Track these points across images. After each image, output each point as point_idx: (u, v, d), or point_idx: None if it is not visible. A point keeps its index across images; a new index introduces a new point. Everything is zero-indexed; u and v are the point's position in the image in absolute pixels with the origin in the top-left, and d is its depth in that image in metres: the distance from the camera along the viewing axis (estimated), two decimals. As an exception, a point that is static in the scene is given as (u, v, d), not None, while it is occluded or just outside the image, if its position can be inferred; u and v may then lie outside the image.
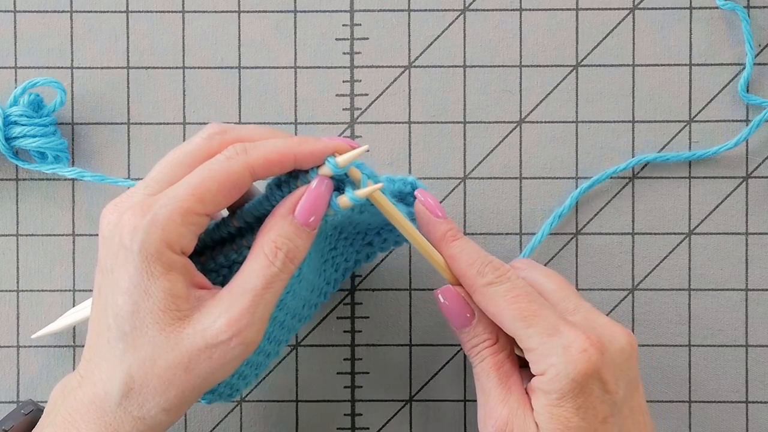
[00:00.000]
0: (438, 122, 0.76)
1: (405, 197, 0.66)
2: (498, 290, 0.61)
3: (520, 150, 0.76)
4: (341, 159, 0.59)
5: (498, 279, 0.61)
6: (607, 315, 0.75)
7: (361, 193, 0.60)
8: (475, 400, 0.76)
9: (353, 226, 0.67)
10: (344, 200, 0.60)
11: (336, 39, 0.76)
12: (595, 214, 0.76)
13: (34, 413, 0.67)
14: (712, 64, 0.75)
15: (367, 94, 0.76)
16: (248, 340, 0.57)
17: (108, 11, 0.76)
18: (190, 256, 0.59)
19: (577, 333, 0.60)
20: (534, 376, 0.61)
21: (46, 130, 0.73)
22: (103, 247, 0.58)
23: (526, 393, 0.61)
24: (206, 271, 0.62)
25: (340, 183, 0.60)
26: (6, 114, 0.73)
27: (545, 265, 0.76)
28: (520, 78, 0.76)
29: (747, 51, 0.75)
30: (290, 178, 0.60)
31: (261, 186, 0.63)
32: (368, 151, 0.61)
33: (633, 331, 0.76)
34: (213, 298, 0.58)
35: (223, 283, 0.61)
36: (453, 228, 0.63)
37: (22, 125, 0.73)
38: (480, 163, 0.76)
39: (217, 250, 0.62)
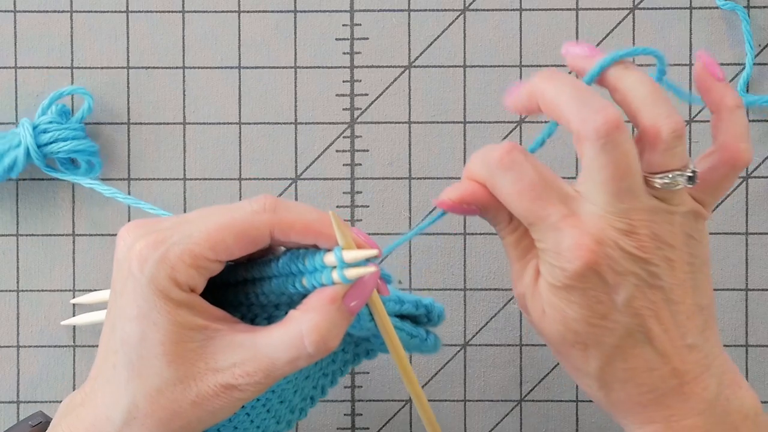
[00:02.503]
0: (438, 122, 0.76)
1: (417, 318, 0.64)
2: (503, 182, 0.58)
3: (520, 150, 0.76)
4: (348, 255, 0.56)
5: (504, 164, 0.58)
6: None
7: (352, 273, 0.56)
8: (477, 400, 0.76)
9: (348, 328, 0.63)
10: (335, 276, 0.57)
11: (336, 39, 0.76)
12: (595, 214, 0.76)
13: (42, 425, 0.66)
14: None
15: (367, 94, 0.76)
16: (260, 389, 0.57)
17: (108, 11, 0.76)
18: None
19: (574, 233, 0.56)
20: None
21: (75, 134, 0.73)
22: (116, 268, 0.57)
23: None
24: (227, 302, 0.60)
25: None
26: (36, 124, 0.73)
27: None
28: (520, 78, 0.76)
29: (747, 51, 0.75)
30: (305, 254, 0.58)
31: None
32: (377, 256, 0.59)
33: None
34: (231, 336, 0.57)
35: (242, 316, 0.60)
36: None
37: (52, 131, 0.73)
38: (480, 163, 0.76)
39: (237, 287, 0.61)
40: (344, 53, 0.76)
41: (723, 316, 0.76)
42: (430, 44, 0.76)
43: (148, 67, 0.76)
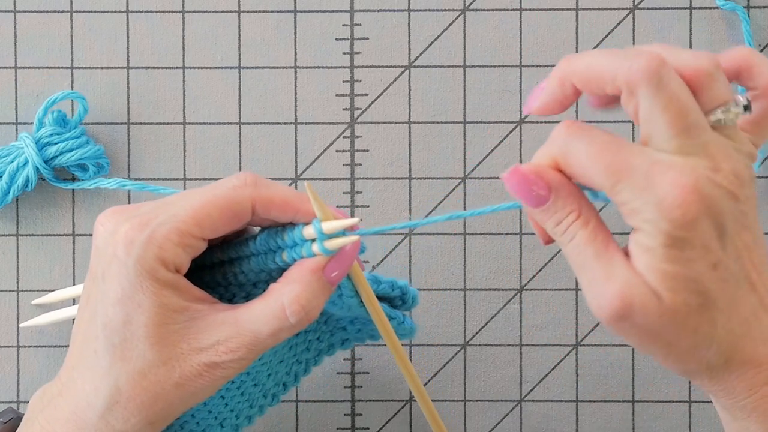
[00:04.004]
0: (438, 122, 0.76)
1: (392, 300, 0.64)
2: (578, 146, 0.54)
3: (520, 150, 0.76)
4: (327, 226, 0.57)
5: (574, 133, 0.54)
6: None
7: (332, 244, 0.57)
8: (477, 400, 0.76)
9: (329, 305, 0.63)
10: (315, 248, 0.57)
11: (336, 39, 0.76)
12: (595, 214, 0.76)
13: (13, 421, 0.66)
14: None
15: (367, 94, 0.76)
16: (242, 365, 0.57)
17: (108, 11, 0.76)
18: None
19: (670, 177, 0.52)
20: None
21: (79, 141, 0.73)
22: (95, 254, 0.58)
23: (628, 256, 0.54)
24: (204, 283, 0.61)
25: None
26: (37, 138, 0.73)
27: (545, 266, 0.76)
28: (520, 78, 0.76)
29: None
30: (282, 230, 0.58)
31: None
32: (360, 220, 0.59)
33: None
34: (213, 315, 0.57)
35: (221, 296, 0.60)
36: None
37: (56, 144, 0.73)
38: (480, 163, 0.76)
39: (214, 269, 0.61)
40: (344, 53, 0.76)
41: (723, 316, 0.76)
42: (430, 44, 0.76)
43: (148, 67, 0.76)
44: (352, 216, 0.60)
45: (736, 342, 0.54)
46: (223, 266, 0.61)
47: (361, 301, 0.60)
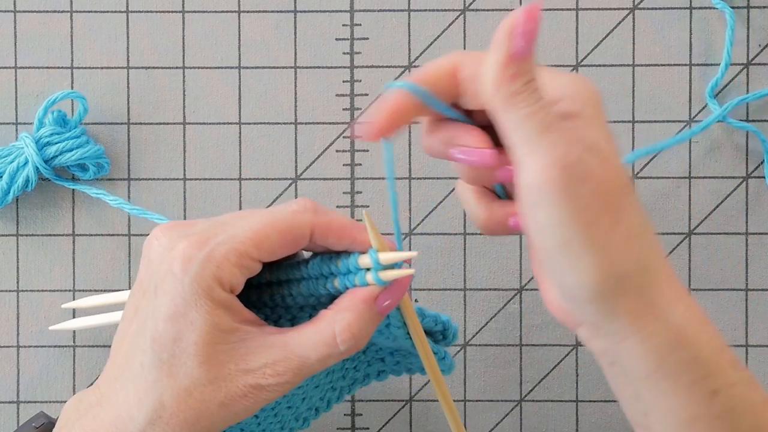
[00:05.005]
0: (438, 122, 0.76)
1: (433, 335, 0.64)
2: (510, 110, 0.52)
3: (520, 150, 0.76)
4: (385, 257, 0.57)
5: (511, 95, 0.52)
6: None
7: (388, 275, 0.57)
8: (477, 400, 0.76)
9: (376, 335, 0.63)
10: (369, 278, 0.58)
11: (336, 39, 0.76)
12: (595, 214, 0.76)
13: (45, 426, 0.66)
14: (712, 64, 0.76)
15: (367, 94, 0.76)
16: (286, 389, 0.57)
17: (108, 11, 0.76)
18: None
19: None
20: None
21: (79, 141, 0.73)
22: (147, 267, 0.57)
23: None
24: (250, 303, 0.60)
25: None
26: (37, 138, 0.73)
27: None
28: (520, 78, 0.76)
29: (724, 56, 0.75)
30: (337, 257, 0.59)
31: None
32: (417, 253, 0.59)
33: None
34: (262, 338, 0.57)
35: (266, 317, 0.60)
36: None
37: (56, 143, 0.73)
38: (480, 163, 0.76)
39: (261, 289, 0.61)
40: (344, 53, 0.76)
41: (723, 316, 0.76)
42: (430, 44, 0.76)
43: (148, 67, 0.76)
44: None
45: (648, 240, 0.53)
46: (272, 287, 0.61)
47: (408, 333, 0.60)
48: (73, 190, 0.75)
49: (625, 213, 0.52)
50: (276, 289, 0.60)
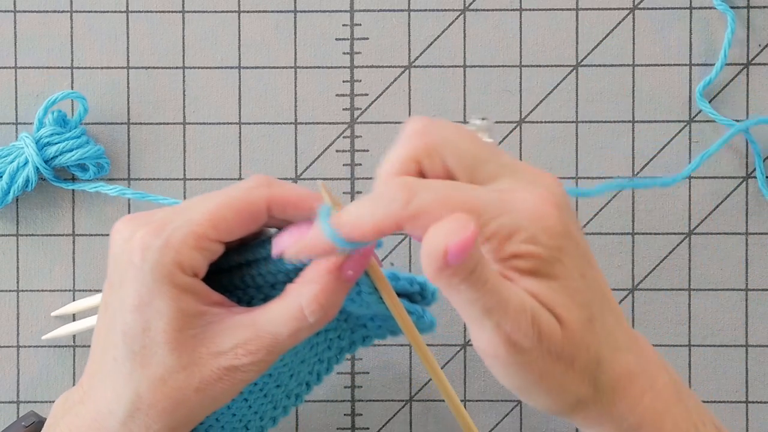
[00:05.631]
0: (438, 122, 0.76)
1: (411, 296, 0.63)
2: (425, 197, 0.51)
3: (520, 150, 0.76)
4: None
5: (408, 205, 0.51)
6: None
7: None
8: (476, 400, 0.76)
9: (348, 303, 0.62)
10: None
11: (336, 39, 0.76)
12: (595, 214, 0.76)
13: (35, 425, 0.66)
14: (712, 64, 0.75)
15: (367, 94, 0.76)
16: (262, 368, 0.57)
17: (108, 11, 0.76)
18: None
19: (532, 198, 0.52)
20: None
21: (79, 141, 0.73)
22: (112, 262, 0.57)
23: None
24: (222, 287, 0.60)
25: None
26: (37, 138, 0.73)
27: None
28: (520, 78, 0.76)
29: (720, 56, 0.75)
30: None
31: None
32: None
33: (633, 331, 0.76)
34: (231, 319, 0.57)
35: (239, 300, 0.60)
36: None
37: (56, 144, 0.73)
38: (480, 163, 0.76)
39: (232, 272, 0.61)
40: (344, 53, 0.76)
41: (723, 316, 0.76)
42: (430, 44, 0.76)
43: (148, 67, 0.76)
44: None
45: (612, 356, 0.54)
46: (241, 269, 0.60)
47: (381, 298, 0.60)
48: (73, 190, 0.75)
49: (579, 356, 0.53)
50: (246, 271, 0.60)
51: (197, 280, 0.56)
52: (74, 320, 0.75)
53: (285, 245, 0.56)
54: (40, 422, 0.67)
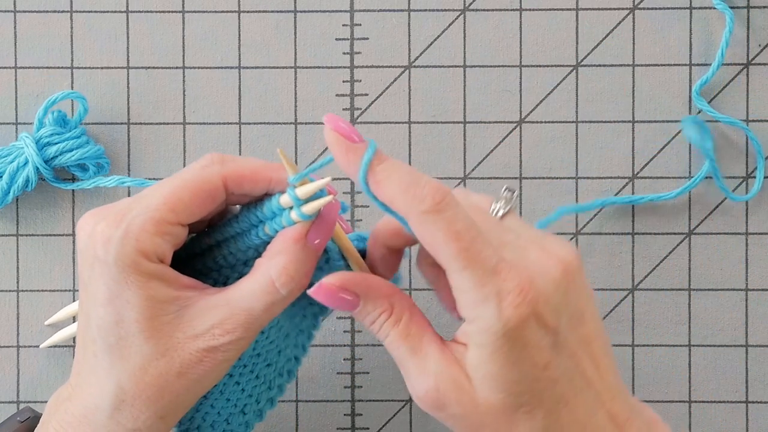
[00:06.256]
0: (438, 122, 0.76)
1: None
2: (437, 221, 0.52)
3: (520, 150, 0.76)
4: (301, 190, 0.56)
5: (437, 206, 0.52)
6: (606, 315, 0.75)
7: (309, 208, 0.56)
8: (475, 400, 0.76)
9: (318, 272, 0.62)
10: (293, 215, 0.57)
11: (336, 39, 0.76)
12: (595, 214, 0.76)
13: (30, 421, 0.66)
14: (711, 64, 0.75)
15: (367, 94, 0.76)
16: (242, 345, 0.57)
17: (108, 11, 0.76)
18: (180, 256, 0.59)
19: (511, 282, 0.52)
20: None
21: (79, 141, 0.73)
22: (80, 257, 0.57)
23: (453, 342, 0.55)
24: (197, 272, 0.60)
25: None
26: (37, 139, 0.73)
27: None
28: (520, 78, 0.76)
29: (717, 56, 0.75)
30: (261, 203, 0.58)
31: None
32: (332, 179, 0.58)
33: (633, 331, 0.76)
34: (204, 300, 0.57)
35: (215, 281, 0.60)
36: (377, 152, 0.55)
37: (56, 144, 0.73)
38: (480, 163, 0.76)
39: (204, 255, 0.61)
40: (344, 53, 0.76)
41: (723, 316, 0.76)
42: (430, 44, 0.76)
43: (148, 67, 0.76)
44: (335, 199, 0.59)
45: None
46: (212, 251, 0.60)
47: (349, 265, 0.60)
48: (73, 190, 0.75)
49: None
50: (217, 252, 0.60)
51: (164, 266, 0.56)
52: (74, 322, 0.75)
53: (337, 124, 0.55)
54: (36, 418, 0.67)
